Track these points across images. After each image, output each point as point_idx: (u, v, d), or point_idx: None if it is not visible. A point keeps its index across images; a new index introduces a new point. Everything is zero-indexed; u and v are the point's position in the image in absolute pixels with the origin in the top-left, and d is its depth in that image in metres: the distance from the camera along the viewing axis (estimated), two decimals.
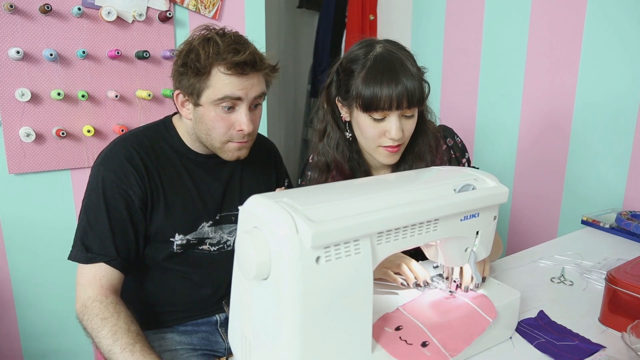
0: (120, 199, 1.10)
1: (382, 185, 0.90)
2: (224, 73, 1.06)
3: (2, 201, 1.65)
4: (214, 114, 1.10)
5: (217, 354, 1.25)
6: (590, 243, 1.53)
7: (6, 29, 1.55)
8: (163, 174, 1.16)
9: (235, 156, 1.17)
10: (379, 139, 1.14)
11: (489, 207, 0.94)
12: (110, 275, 1.09)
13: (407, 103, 1.08)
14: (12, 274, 1.71)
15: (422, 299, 0.97)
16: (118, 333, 0.99)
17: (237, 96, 1.08)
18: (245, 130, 1.11)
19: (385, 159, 1.18)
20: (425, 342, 0.84)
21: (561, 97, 1.93)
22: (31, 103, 1.62)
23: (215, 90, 1.08)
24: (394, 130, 1.10)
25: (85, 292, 1.07)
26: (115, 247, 1.09)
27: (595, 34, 1.80)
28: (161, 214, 1.15)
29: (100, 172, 1.12)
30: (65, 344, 1.84)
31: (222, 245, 1.25)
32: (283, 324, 0.72)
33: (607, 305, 1.06)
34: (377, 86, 1.07)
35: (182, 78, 1.10)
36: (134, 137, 1.17)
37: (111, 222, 1.10)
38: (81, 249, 1.10)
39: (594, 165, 1.86)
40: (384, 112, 1.10)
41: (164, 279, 1.22)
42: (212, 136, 1.13)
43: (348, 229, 0.72)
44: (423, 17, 2.53)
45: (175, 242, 1.18)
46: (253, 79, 1.10)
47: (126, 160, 1.12)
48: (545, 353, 0.95)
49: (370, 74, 1.09)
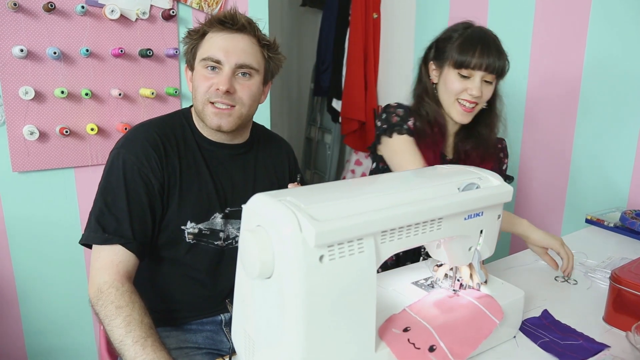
0: (141, 182, 1.10)
1: (386, 184, 0.90)
2: (213, 33, 1.14)
3: (6, 199, 1.66)
4: (199, 75, 1.16)
5: (222, 353, 1.25)
6: (594, 242, 1.52)
7: (10, 27, 1.56)
8: (183, 159, 1.17)
9: (215, 123, 1.16)
10: (460, 94, 1.31)
11: (493, 206, 0.94)
12: (128, 261, 1.07)
13: (491, 68, 1.27)
14: (15, 272, 1.72)
15: (428, 298, 0.97)
16: (131, 324, 0.97)
17: (216, 58, 1.13)
18: (220, 89, 1.12)
19: (459, 116, 1.34)
20: (432, 347, 0.83)
21: (565, 96, 1.93)
22: (35, 101, 1.62)
23: (203, 50, 1.15)
24: (475, 89, 1.28)
25: (102, 277, 1.04)
26: (132, 229, 1.08)
27: (600, 31, 1.79)
28: (176, 199, 1.15)
29: (121, 154, 1.11)
30: (69, 342, 1.85)
31: (231, 240, 1.25)
32: (286, 322, 0.71)
33: (611, 305, 1.05)
34: (471, 49, 1.27)
35: (186, 50, 1.19)
36: (155, 123, 1.19)
37: (130, 204, 1.09)
38: (97, 229, 1.07)
39: (599, 164, 1.85)
40: (471, 71, 1.28)
41: (172, 276, 1.22)
42: (197, 98, 1.16)
43: (352, 227, 0.72)
44: (427, 15, 2.52)
45: (187, 230, 1.17)
46: (239, 42, 1.14)
47: (148, 144, 1.12)
48: (549, 352, 0.94)
49: (467, 39, 1.29)
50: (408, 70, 2.71)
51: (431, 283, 1.02)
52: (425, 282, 1.03)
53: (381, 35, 2.96)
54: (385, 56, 2.96)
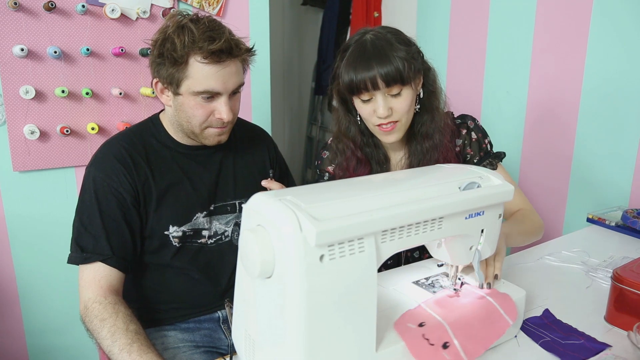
0: (112, 198, 1.12)
1: (386, 183, 0.90)
2: (201, 62, 1.07)
3: (7, 199, 1.66)
4: (193, 103, 1.11)
5: (220, 350, 1.25)
6: (596, 241, 1.52)
7: (10, 27, 1.55)
8: (154, 167, 1.18)
9: (215, 141, 1.19)
10: (372, 119, 1.18)
11: (494, 205, 0.94)
12: (110, 276, 1.10)
13: (384, 83, 1.11)
14: (16, 271, 1.72)
15: (443, 293, 0.97)
16: (116, 334, 1.00)
17: (216, 91, 1.10)
18: (225, 120, 1.14)
19: (384, 137, 1.22)
20: (446, 344, 0.83)
21: (567, 94, 1.92)
22: (35, 100, 1.62)
23: (194, 81, 1.08)
24: (380, 108, 1.14)
25: (86, 294, 1.08)
26: (110, 245, 1.10)
27: (601, 32, 1.78)
28: (154, 207, 1.16)
29: (91, 173, 1.14)
30: (70, 341, 1.85)
31: (220, 236, 1.26)
32: (287, 322, 0.71)
33: (613, 304, 1.05)
34: (351, 71, 1.12)
35: (160, 68, 1.11)
36: (122, 137, 1.20)
37: (104, 221, 1.11)
38: (76, 249, 1.11)
39: (600, 163, 1.85)
40: (369, 93, 1.14)
41: (164, 277, 1.22)
42: (192, 123, 1.15)
43: (352, 227, 0.71)
44: (428, 14, 2.52)
45: (170, 234, 1.18)
46: (231, 68, 1.10)
47: (115, 159, 1.14)
48: (550, 352, 0.94)
49: (349, 59, 1.14)
50: None
51: (432, 282, 1.02)
52: (426, 282, 1.03)
53: None
54: None
